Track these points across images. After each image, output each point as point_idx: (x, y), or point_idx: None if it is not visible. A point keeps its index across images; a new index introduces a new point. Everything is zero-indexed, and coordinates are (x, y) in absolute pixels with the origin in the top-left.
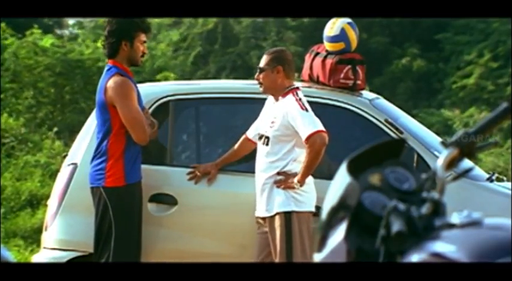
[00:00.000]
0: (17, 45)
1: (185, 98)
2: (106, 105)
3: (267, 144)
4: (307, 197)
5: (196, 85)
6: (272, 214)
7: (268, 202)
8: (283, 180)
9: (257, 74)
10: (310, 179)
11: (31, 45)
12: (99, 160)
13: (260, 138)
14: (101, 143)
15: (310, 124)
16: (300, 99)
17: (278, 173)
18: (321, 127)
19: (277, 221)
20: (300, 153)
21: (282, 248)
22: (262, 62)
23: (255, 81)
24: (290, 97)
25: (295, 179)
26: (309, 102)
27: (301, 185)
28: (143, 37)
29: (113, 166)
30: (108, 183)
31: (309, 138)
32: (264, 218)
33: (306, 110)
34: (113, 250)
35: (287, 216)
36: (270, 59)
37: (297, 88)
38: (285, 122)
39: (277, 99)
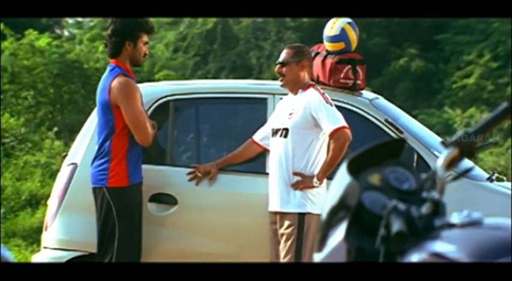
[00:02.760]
0: (15, 47)
1: (185, 98)
2: (110, 106)
3: (285, 136)
4: (320, 198)
5: (196, 85)
6: (285, 210)
7: (282, 197)
8: (300, 181)
9: (278, 67)
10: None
11: (28, 47)
12: (102, 160)
13: (276, 132)
14: (104, 143)
15: (335, 119)
16: (324, 93)
17: (294, 174)
18: (345, 123)
19: (291, 221)
20: (318, 150)
21: (291, 248)
22: (285, 56)
23: (255, 81)
24: (312, 91)
25: (315, 177)
26: None
27: (320, 183)
28: (146, 38)
29: (116, 166)
30: (111, 183)
31: (334, 133)
32: (276, 213)
33: (331, 104)
34: (116, 250)
35: (301, 217)
36: (295, 52)
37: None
38: (306, 114)
39: (295, 93)
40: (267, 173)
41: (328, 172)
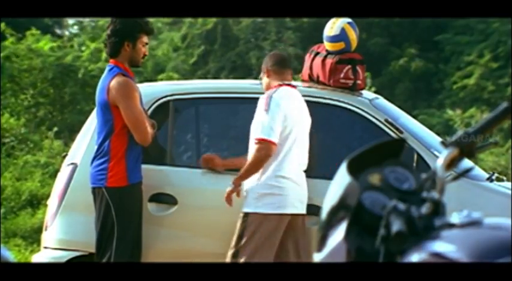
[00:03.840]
0: (14, 48)
1: (185, 98)
2: (108, 106)
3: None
4: (278, 199)
5: (196, 85)
6: (242, 209)
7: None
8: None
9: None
10: (290, 183)
11: (25, 50)
12: (101, 160)
13: None
14: (103, 143)
15: (264, 129)
16: (271, 97)
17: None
18: (274, 138)
19: (240, 218)
20: (277, 154)
21: (232, 246)
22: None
23: (255, 81)
24: (268, 92)
25: (232, 180)
26: (308, 102)
27: (235, 187)
28: (145, 39)
29: (115, 166)
30: (111, 183)
31: (257, 143)
32: None
33: (267, 111)
34: (114, 250)
35: (245, 217)
36: (262, 68)
37: (283, 85)
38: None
39: None
40: None
41: (244, 179)
